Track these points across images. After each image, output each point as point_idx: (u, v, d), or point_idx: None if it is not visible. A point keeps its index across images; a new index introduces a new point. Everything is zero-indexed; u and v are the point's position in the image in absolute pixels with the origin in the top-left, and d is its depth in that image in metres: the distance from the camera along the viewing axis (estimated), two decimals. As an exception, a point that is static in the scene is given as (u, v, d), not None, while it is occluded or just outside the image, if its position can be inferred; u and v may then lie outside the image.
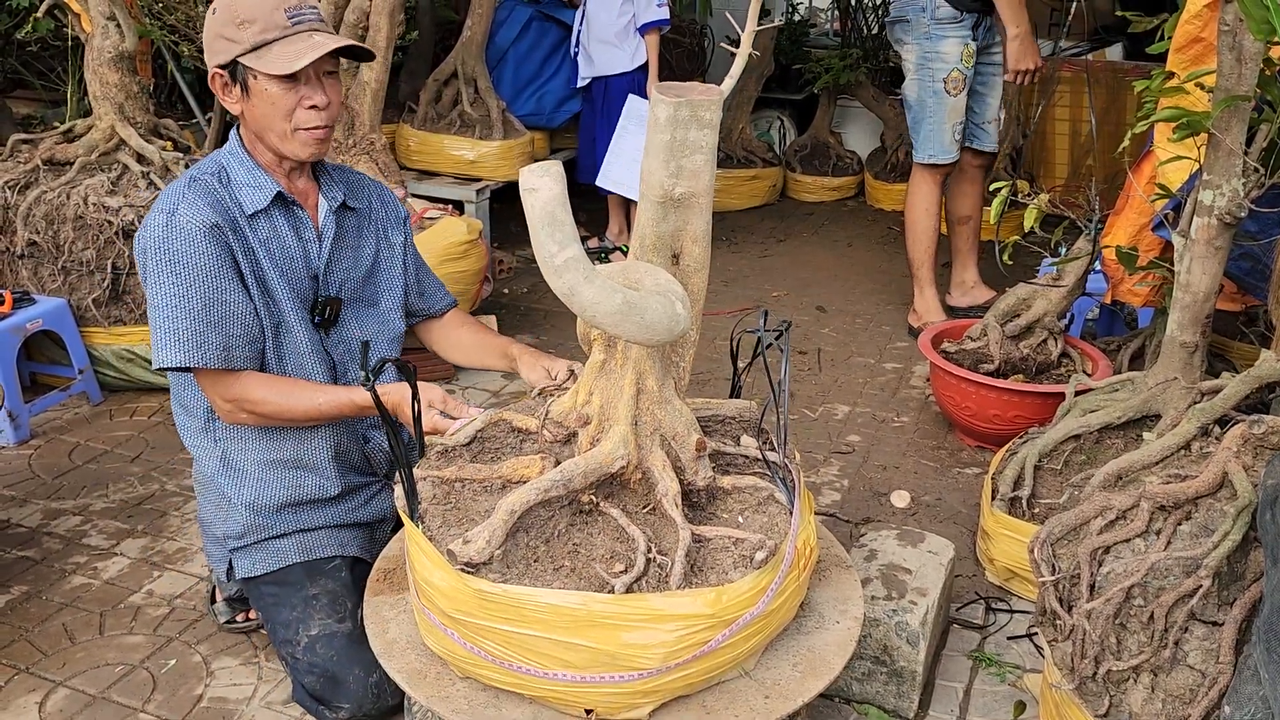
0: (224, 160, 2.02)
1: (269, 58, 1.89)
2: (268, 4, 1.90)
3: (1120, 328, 3.55)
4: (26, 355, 3.40)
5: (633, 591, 1.48)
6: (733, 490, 1.70)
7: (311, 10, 1.96)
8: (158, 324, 1.91)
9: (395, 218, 2.26)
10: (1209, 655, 1.64)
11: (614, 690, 1.51)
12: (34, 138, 3.64)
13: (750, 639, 1.57)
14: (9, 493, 2.93)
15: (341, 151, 3.65)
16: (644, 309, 1.39)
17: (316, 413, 1.98)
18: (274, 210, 2.02)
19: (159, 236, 1.90)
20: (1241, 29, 1.99)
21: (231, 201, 1.98)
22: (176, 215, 1.90)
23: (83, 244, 3.31)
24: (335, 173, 2.17)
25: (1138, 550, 1.77)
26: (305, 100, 1.94)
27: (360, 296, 2.17)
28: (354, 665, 1.95)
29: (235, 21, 1.90)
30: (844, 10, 6.20)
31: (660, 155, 1.53)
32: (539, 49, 5.12)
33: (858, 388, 3.69)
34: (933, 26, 3.70)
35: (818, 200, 6.04)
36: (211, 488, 2.14)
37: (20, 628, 2.36)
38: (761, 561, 1.54)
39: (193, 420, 2.12)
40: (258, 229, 2.00)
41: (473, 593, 1.51)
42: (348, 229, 2.14)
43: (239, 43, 1.90)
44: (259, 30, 1.89)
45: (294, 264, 2.05)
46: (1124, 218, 2.97)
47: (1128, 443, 2.42)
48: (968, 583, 2.56)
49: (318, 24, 1.96)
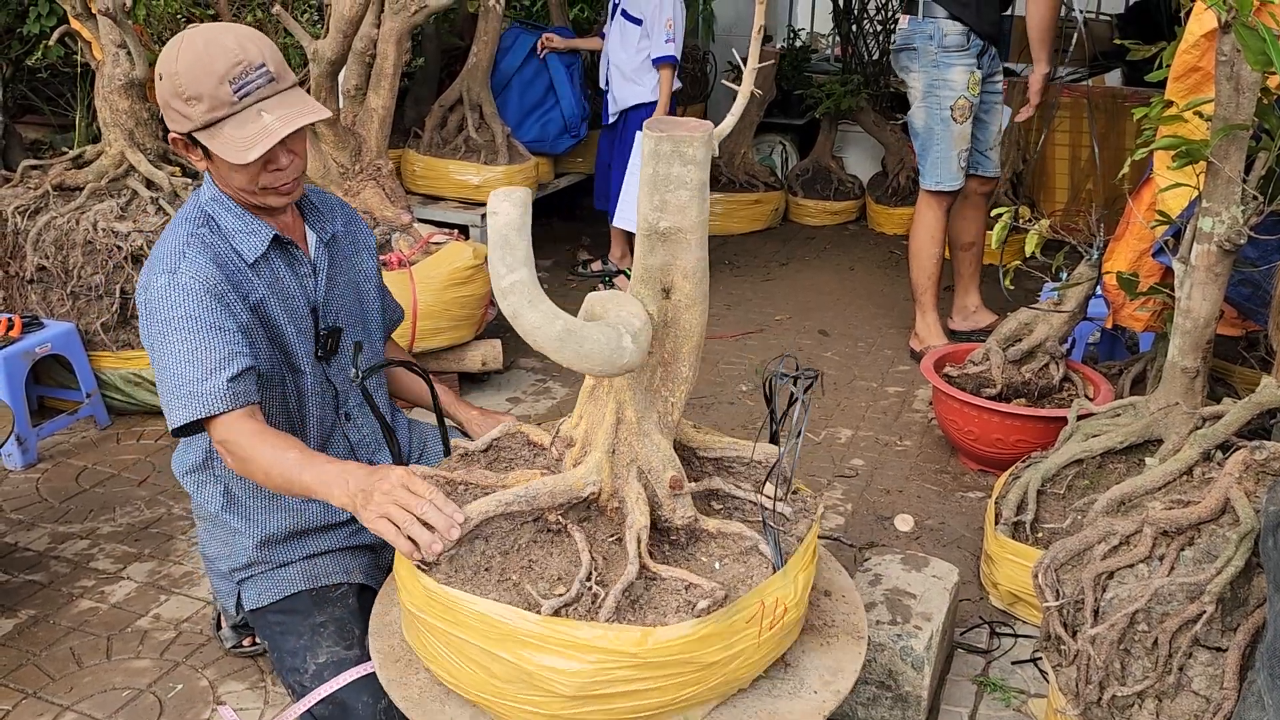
0: (208, 209, 1.95)
1: (220, 140, 1.81)
2: (210, 79, 1.78)
3: (1121, 352, 3.57)
4: (35, 379, 3.42)
5: (559, 615, 1.48)
6: (716, 535, 1.66)
7: (259, 74, 1.82)
8: (165, 385, 1.84)
9: (366, 243, 2.23)
10: (1213, 681, 1.65)
11: (532, 710, 1.52)
12: (44, 163, 3.67)
13: (686, 688, 1.52)
14: (16, 516, 2.95)
15: (348, 177, 3.69)
16: (583, 338, 1.38)
17: (279, 474, 1.80)
18: (272, 253, 1.98)
19: (162, 297, 1.84)
20: (1239, 59, 2.01)
21: (230, 252, 1.92)
22: (179, 274, 1.84)
23: (92, 269, 3.34)
24: (312, 196, 2.13)
25: (1141, 575, 1.78)
26: (269, 165, 1.87)
27: (355, 321, 2.17)
28: (363, 692, 1.95)
29: (182, 96, 1.80)
30: (845, 36, 6.26)
31: (645, 188, 1.53)
32: (543, 76, 5.17)
33: (860, 411, 3.71)
34: (940, 54, 3.75)
35: (819, 224, 6.07)
36: (216, 523, 2.13)
37: (28, 651, 2.37)
38: (703, 610, 1.48)
39: (193, 456, 2.11)
40: (261, 275, 1.96)
41: (422, 589, 1.55)
42: (337, 256, 2.13)
43: (189, 119, 1.82)
44: (206, 109, 1.80)
45: (295, 302, 2.02)
46: (1124, 243, 2.99)
47: (1130, 468, 2.43)
48: (972, 607, 2.56)
49: (267, 89, 1.82)
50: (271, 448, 1.83)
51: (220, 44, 1.80)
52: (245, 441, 1.83)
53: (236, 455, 1.86)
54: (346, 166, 3.67)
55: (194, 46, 1.80)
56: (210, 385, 1.83)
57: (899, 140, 6.04)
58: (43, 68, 5.02)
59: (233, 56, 1.79)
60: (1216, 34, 2.06)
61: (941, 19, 3.72)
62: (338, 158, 3.64)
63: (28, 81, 5.48)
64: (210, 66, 1.78)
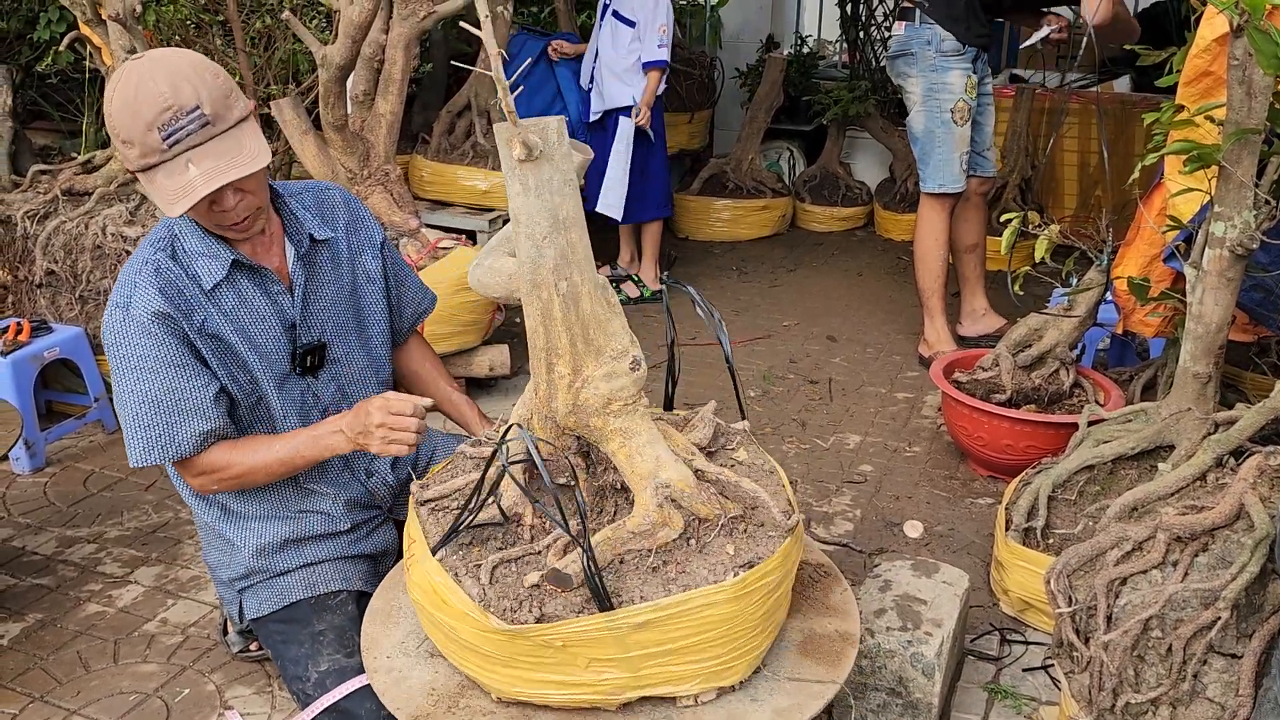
0: (175, 229, 1.92)
1: (154, 187, 1.77)
2: (139, 125, 1.72)
3: (1132, 358, 3.55)
4: (43, 383, 3.42)
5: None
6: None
7: (190, 119, 1.74)
8: (126, 422, 1.87)
9: (370, 241, 2.16)
10: (1228, 688, 1.64)
11: None
12: (53, 168, 3.69)
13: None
14: (24, 520, 2.95)
15: (356, 182, 3.69)
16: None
17: (277, 461, 1.94)
18: (236, 275, 1.93)
19: (117, 332, 1.86)
20: (1251, 63, 2.00)
21: (188, 278, 1.89)
22: (130, 309, 1.84)
23: (100, 273, 3.35)
24: (302, 195, 2.08)
25: (1155, 582, 1.77)
26: (214, 205, 1.82)
27: (347, 329, 2.11)
28: (365, 699, 1.94)
29: (118, 139, 1.77)
30: (852, 42, 6.26)
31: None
32: (550, 82, 5.18)
33: (869, 417, 3.69)
34: (938, 59, 3.79)
35: (827, 230, 6.06)
36: (213, 534, 2.12)
37: (35, 655, 2.36)
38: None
39: None
40: (220, 301, 1.92)
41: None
42: (320, 263, 2.06)
43: (128, 160, 1.79)
44: (139, 154, 1.75)
45: (266, 324, 1.98)
46: (1134, 248, 2.98)
47: (1142, 474, 2.41)
48: (982, 614, 2.55)
49: (198, 134, 1.74)
50: (253, 451, 1.94)
51: (151, 88, 1.72)
52: (225, 460, 1.93)
53: (225, 475, 1.94)
54: (354, 171, 3.68)
55: (127, 88, 1.74)
56: (184, 432, 1.88)
57: (906, 146, 6.02)
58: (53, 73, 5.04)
59: (162, 102, 1.72)
60: (1228, 38, 2.05)
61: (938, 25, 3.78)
62: (345, 162, 3.65)
63: (38, 87, 5.50)
64: (139, 111, 1.72)
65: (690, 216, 5.91)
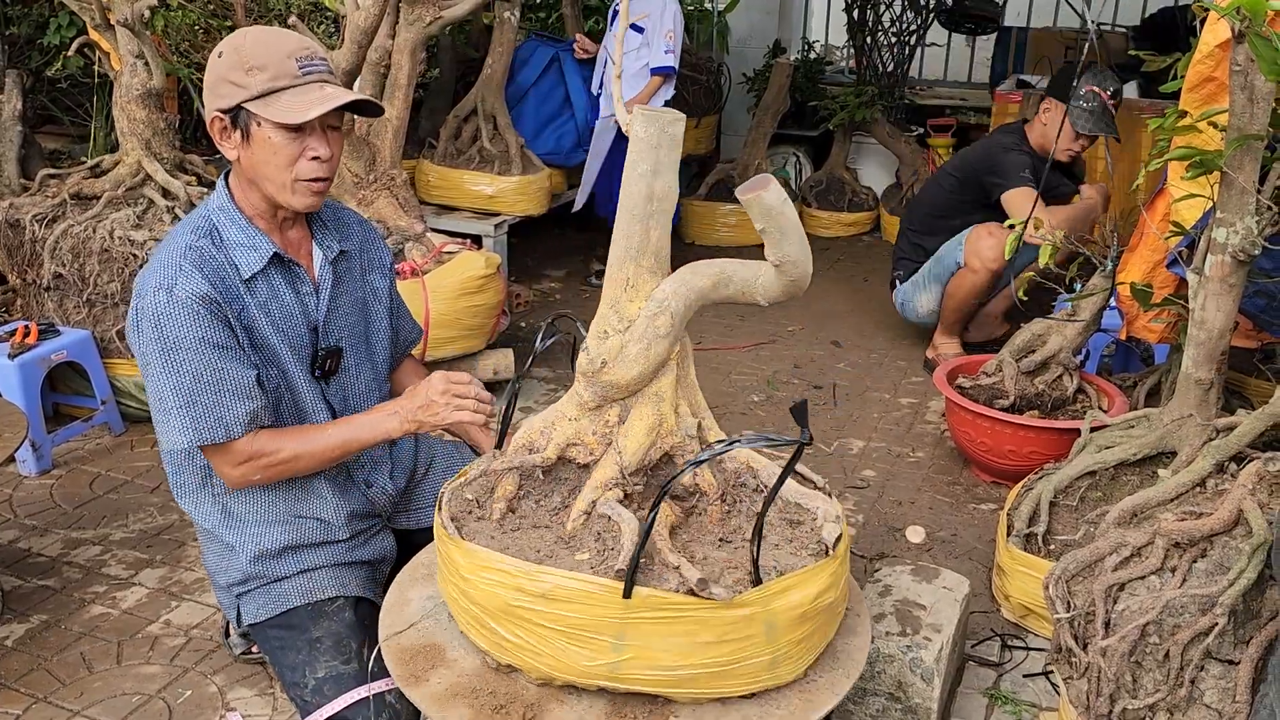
0: (214, 218, 1.95)
1: (277, 106, 1.84)
2: (279, 52, 1.85)
3: (1135, 364, 3.55)
4: (50, 386, 3.44)
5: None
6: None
7: (322, 62, 1.91)
8: (169, 404, 1.86)
9: (381, 261, 2.22)
10: (1225, 694, 1.63)
11: None
12: (62, 172, 3.70)
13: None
14: (30, 522, 2.97)
15: (362, 186, 3.71)
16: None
17: (334, 445, 1.97)
18: (271, 269, 1.97)
19: (162, 313, 1.84)
20: (1253, 69, 2.00)
21: (228, 265, 1.92)
22: (175, 291, 1.84)
23: (108, 277, 3.36)
24: (325, 212, 2.12)
25: (1153, 587, 1.77)
26: (309, 151, 1.88)
27: (359, 341, 2.14)
28: (363, 706, 1.95)
29: (244, 67, 1.84)
30: (859, 48, 6.26)
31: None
32: (560, 89, 5.21)
33: (873, 422, 3.69)
34: None
35: (833, 235, 6.07)
36: (213, 538, 2.12)
37: (39, 656, 2.38)
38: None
39: (190, 477, 2.09)
40: (256, 291, 1.95)
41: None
42: (343, 274, 2.11)
43: (246, 88, 1.84)
44: (269, 78, 1.84)
45: (293, 320, 2.01)
46: (1138, 254, 2.98)
47: (1144, 479, 2.41)
48: (983, 619, 2.55)
49: (327, 75, 1.91)
50: (304, 436, 1.98)
51: (288, 34, 1.92)
52: (274, 444, 1.94)
53: (273, 460, 1.95)
54: (360, 176, 3.70)
55: (260, 31, 1.90)
56: (234, 412, 1.89)
57: (913, 152, 6.04)
58: (62, 78, 5.08)
59: (301, 43, 1.90)
60: (1230, 44, 2.05)
61: None
62: (352, 167, 3.67)
63: (47, 92, 5.54)
64: (280, 44, 1.87)
65: (697, 221, 5.92)
